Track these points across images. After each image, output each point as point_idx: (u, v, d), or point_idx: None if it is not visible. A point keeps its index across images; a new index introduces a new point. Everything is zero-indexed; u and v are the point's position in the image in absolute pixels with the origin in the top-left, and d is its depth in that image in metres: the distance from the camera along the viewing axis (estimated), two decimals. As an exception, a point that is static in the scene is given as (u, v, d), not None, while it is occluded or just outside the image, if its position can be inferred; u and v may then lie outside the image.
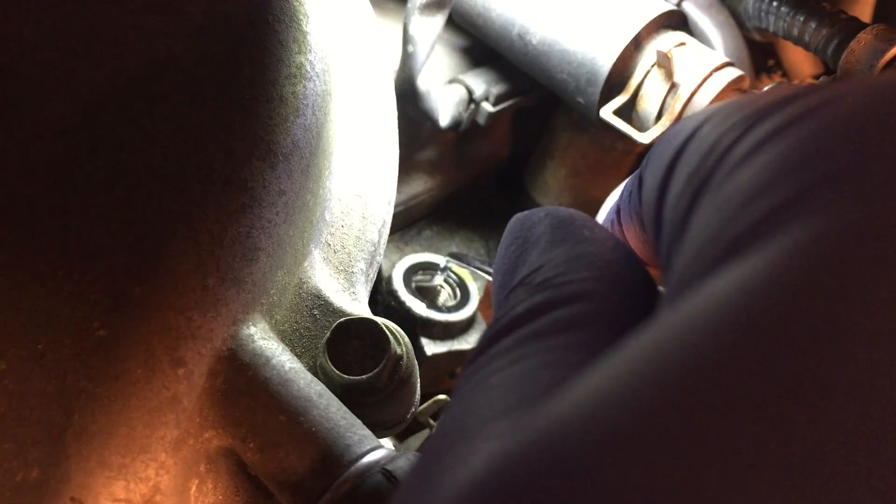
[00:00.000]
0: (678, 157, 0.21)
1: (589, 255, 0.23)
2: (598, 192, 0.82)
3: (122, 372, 0.34)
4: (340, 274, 0.44)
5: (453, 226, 0.86)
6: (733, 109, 0.20)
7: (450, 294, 0.75)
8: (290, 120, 0.39)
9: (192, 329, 0.35)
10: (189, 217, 0.36)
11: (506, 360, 0.20)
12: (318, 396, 0.36)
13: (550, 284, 0.22)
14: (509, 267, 0.24)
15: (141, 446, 0.34)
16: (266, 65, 0.39)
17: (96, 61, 0.36)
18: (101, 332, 0.34)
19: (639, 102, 0.68)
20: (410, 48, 0.69)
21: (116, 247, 0.34)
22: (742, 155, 0.18)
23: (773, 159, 0.17)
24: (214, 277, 0.36)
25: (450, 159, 0.82)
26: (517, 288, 0.23)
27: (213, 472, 0.37)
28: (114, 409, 0.34)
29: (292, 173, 0.39)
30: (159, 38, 0.37)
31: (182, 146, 0.36)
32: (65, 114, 0.35)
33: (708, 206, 0.18)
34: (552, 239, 0.24)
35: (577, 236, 0.24)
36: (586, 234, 0.24)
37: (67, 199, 0.34)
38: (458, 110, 0.75)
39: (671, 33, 0.68)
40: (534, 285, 0.22)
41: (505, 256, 0.25)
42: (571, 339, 0.20)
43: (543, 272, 0.23)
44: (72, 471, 0.33)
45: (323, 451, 0.34)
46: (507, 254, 0.25)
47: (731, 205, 0.17)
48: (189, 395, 0.35)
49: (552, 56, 0.70)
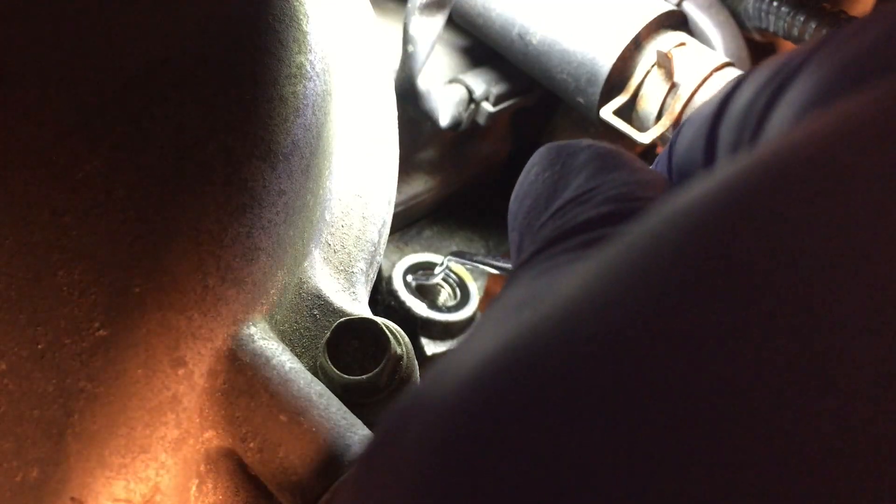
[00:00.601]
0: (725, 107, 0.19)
1: (654, 181, 0.20)
2: (598, 192, 0.82)
3: (122, 372, 0.34)
4: (340, 274, 0.44)
5: (453, 226, 0.86)
6: (767, 68, 0.19)
7: (450, 294, 0.75)
8: (290, 120, 0.39)
9: (192, 329, 0.35)
10: (189, 217, 0.36)
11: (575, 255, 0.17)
12: (319, 396, 0.36)
13: (621, 198, 0.19)
14: (544, 193, 0.21)
15: (141, 446, 0.34)
16: (266, 64, 0.39)
17: (96, 61, 0.36)
18: (101, 332, 0.34)
19: (639, 102, 0.68)
20: (410, 48, 0.69)
21: (116, 247, 0.34)
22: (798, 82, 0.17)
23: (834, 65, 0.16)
24: (215, 277, 0.36)
25: (450, 159, 0.82)
26: (567, 207, 0.20)
27: (213, 472, 0.37)
28: (114, 409, 0.34)
29: (292, 173, 0.39)
30: (159, 38, 0.37)
31: (182, 146, 0.36)
32: (65, 114, 0.35)
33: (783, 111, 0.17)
34: (602, 166, 0.21)
35: (631, 165, 0.21)
36: (639, 166, 0.21)
37: (67, 199, 0.34)
38: (458, 110, 0.75)
39: (671, 33, 0.68)
40: (597, 200, 0.19)
41: (535, 184, 0.22)
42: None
43: (604, 190, 0.20)
44: (72, 471, 0.33)
45: (323, 451, 0.34)
46: (537, 181, 0.22)
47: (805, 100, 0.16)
48: (189, 395, 0.35)
49: (552, 56, 0.70)
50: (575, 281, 0.14)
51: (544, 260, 0.18)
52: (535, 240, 0.19)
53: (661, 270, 0.13)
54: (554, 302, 0.14)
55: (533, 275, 0.18)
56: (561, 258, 0.18)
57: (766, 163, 0.13)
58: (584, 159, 0.21)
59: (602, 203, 0.19)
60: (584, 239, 0.18)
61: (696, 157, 0.21)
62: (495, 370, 0.13)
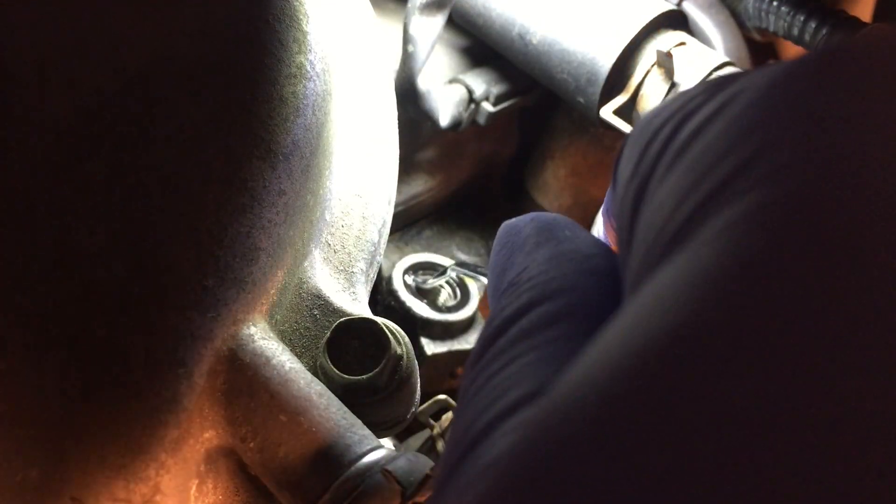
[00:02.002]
0: (616, 170, 0.23)
1: (570, 252, 0.25)
2: (599, 191, 0.82)
3: (122, 372, 0.34)
4: (340, 274, 0.44)
5: (453, 226, 0.86)
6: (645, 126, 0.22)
7: (450, 294, 0.75)
8: (290, 120, 0.39)
9: (192, 329, 0.35)
10: (189, 217, 0.36)
11: (503, 361, 0.21)
12: (319, 396, 0.36)
13: (535, 283, 0.24)
14: (500, 270, 0.27)
15: (141, 446, 0.34)
16: (266, 64, 0.39)
17: (96, 61, 0.36)
18: (100, 331, 0.34)
19: (639, 102, 0.68)
20: (410, 48, 0.69)
21: (116, 247, 0.34)
22: (667, 163, 0.20)
23: (694, 159, 0.19)
24: (214, 277, 0.36)
25: (450, 159, 0.82)
26: (507, 290, 0.25)
27: (213, 472, 0.37)
28: (114, 409, 0.34)
29: (292, 173, 0.39)
30: (159, 38, 0.37)
31: (182, 146, 0.36)
32: (65, 114, 0.35)
33: (645, 212, 0.20)
34: (536, 241, 0.26)
35: (558, 237, 0.26)
36: (567, 234, 0.26)
37: (67, 199, 0.34)
38: (458, 110, 0.75)
39: (671, 33, 0.68)
40: (520, 285, 0.24)
41: (495, 261, 0.27)
42: (557, 332, 0.22)
43: (528, 272, 0.24)
44: (72, 471, 0.33)
45: (323, 451, 0.34)
46: (497, 259, 0.27)
47: (665, 209, 0.19)
48: (189, 395, 0.35)
49: (552, 56, 0.70)
50: (502, 451, 0.18)
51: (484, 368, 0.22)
52: (488, 326, 0.24)
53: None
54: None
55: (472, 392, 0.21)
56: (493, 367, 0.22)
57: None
58: (525, 234, 0.27)
59: (522, 291, 0.24)
60: (508, 339, 0.22)
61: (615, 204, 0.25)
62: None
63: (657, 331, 0.16)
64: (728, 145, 0.18)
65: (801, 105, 0.17)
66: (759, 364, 0.14)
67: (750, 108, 0.18)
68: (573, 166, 0.82)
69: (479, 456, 0.19)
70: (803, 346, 0.14)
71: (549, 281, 0.23)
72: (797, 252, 0.15)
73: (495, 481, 0.17)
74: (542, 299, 0.23)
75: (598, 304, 0.22)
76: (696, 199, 0.18)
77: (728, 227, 0.16)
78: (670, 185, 0.19)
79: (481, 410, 0.20)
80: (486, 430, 0.19)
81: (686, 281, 0.16)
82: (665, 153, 0.20)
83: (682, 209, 0.18)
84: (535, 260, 0.25)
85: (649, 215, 0.19)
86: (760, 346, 0.14)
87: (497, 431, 0.19)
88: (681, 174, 0.19)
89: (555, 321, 0.22)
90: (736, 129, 0.18)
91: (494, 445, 0.18)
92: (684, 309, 0.15)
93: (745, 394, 0.14)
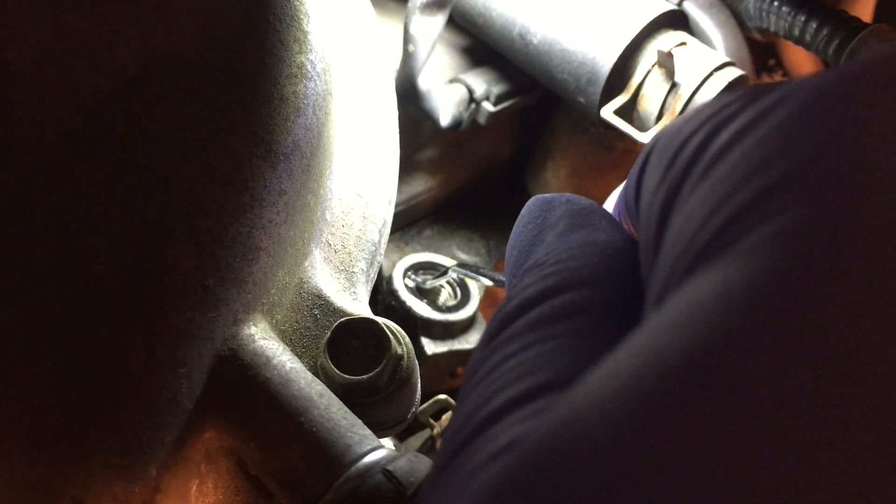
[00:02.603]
0: (639, 176, 0.23)
1: (602, 242, 0.24)
2: (599, 191, 0.82)
3: (122, 372, 0.34)
4: (341, 274, 0.44)
5: (453, 226, 0.85)
6: (674, 133, 0.21)
7: (450, 294, 0.75)
8: (290, 119, 0.39)
9: (192, 329, 0.35)
10: (189, 217, 0.36)
11: (519, 344, 0.21)
12: (319, 396, 0.36)
13: (563, 268, 0.23)
14: (526, 245, 0.26)
15: (141, 446, 0.34)
16: (267, 64, 0.39)
17: (96, 61, 0.36)
18: (101, 331, 0.34)
19: (639, 102, 0.68)
20: (411, 48, 0.69)
21: (116, 247, 0.34)
22: (699, 173, 0.19)
23: (728, 170, 0.18)
24: (215, 277, 0.36)
25: (450, 159, 0.82)
26: (532, 269, 0.24)
27: (214, 472, 0.37)
28: (114, 409, 0.34)
29: (293, 173, 0.39)
30: (159, 38, 0.37)
31: (182, 146, 0.36)
32: (65, 114, 0.35)
33: (675, 221, 0.20)
34: (570, 224, 0.25)
35: (594, 224, 0.25)
36: (603, 224, 0.25)
37: (67, 199, 0.34)
38: (459, 110, 0.75)
39: (672, 33, 0.68)
40: (547, 266, 0.23)
41: (522, 235, 0.26)
42: (579, 324, 0.21)
43: (558, 254, 0.24)
44: (72, 471, 0.33)
45: (323, 451, 0.34)
46: (522, 233, 0.26)
47: (696, 218, 0.18)
48: (189, 395, 0.35)
49: (553, 56, 0.70)
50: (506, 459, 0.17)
51: (498, 348, 0.21)
52: (507, 303, 0.23)
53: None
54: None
55: (484, 372, 0.21)
56: (510, 348, 0.21)
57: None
58: (558, 214, 0.26)
59: (548, 274, 0.23)
60: (528, 321, 0.22)
61: (631, 204, 0.24)
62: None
63: (678, 351, 0.15)
64: (765, 157, 0.17)
65: (844, 122, 0.17)
66: (791, 397, 0.14)
67: (790, 120, 0.18)
68: (573, 166, 0.82)
69: (492, 437, 0.18)
70: (834, 379, 0.14)
71: (579, 268, 0.23)
72: (834, 276, 0.15)
73: (510, 466, 0.17)
74: (568, 286, 0.22)
75: (624, 305, 0.22)
76: (730, 210, 0.17)
77: (763, 243, 0.16)
78: (702, 194, 0.18)
79: (494, 392, 0.20)
80: (499, 413, 0.19)
81: (716, 298, 0.16)
82: (697, 161, 0.20)
83: (714, 220, 0.17)
84: (566, 243, 0.24)
85: (679, 224, 0.19)
86: (794, 375, 0.14)
87: (511, 417, 0.19)
88: (714, 184, 0.18)
89: (579, 312, 0.21)
90: (774, 141, 0.17)
91: (508, 431, 0.18)
92: (712, 327, 0.15)
93: (772, 426, 0.14)
